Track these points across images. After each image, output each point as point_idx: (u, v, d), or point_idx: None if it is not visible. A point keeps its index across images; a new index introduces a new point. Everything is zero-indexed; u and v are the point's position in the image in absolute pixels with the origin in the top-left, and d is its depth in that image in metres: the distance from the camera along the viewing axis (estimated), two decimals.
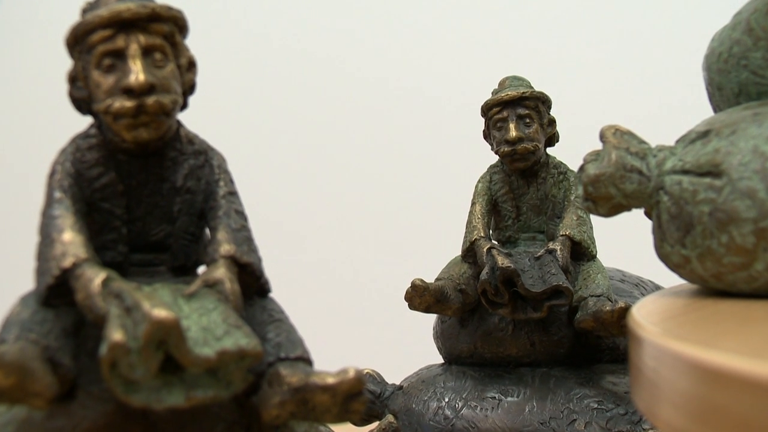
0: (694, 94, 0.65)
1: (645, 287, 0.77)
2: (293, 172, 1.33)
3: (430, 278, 0.72)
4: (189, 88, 0.48)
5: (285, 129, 1.34)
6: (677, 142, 0.47)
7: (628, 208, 0.47)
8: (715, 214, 0.41)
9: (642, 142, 0.47)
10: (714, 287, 0.44)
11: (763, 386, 0.27)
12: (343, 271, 1.30)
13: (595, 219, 0.71)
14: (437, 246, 0.84)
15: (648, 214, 0.47)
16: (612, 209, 0.47)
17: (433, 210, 1.26)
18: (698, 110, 0.57)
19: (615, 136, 0.47)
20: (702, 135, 0.44)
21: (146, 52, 0.45)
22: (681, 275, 0.46)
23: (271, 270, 0.48)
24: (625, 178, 0.46)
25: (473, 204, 0.76)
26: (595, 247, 0.73)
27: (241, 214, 0.48)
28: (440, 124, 1.30)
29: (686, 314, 0.40)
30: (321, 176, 1.33)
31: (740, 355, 0.29)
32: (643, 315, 0.41)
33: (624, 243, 0.88)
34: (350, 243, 1.32)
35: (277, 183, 1.31)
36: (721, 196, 0.41)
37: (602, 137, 0.47)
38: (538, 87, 0.75)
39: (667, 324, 0.38)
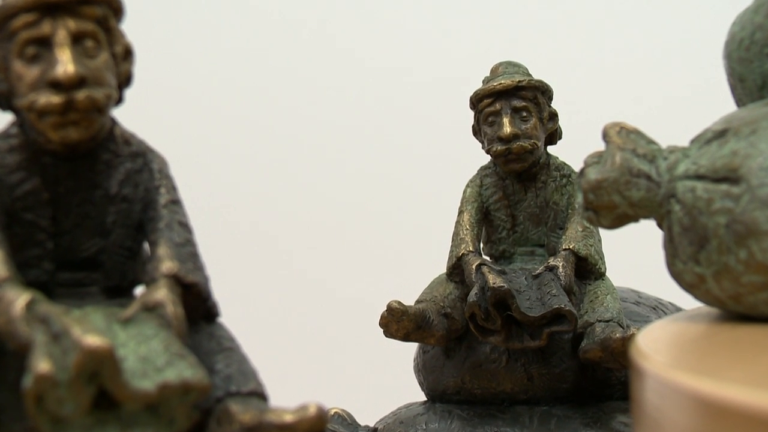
0: (716, 86, 0.66)
1: (664, 310, 0.78)
2: (247, 174, 1.33)
3: (409, 300, 0.72)
4: (125, 80, 0.49)
5: (241, 128, 1.34)
6: (692, 142, 0.47)
7: (634, 219, 0.48)
8: (733, 225, 0.42)
9: (651, 142, 0.48)
10: (733, 310, 0.45)
11: None
12: (305, 291, 1.30)
13: (604, 231, 0.72)
14: (418, 262, 0.84)
15: (661, 226, 0.48)
16: (616, 220, 0.48)
17: (413, 220, 1.25)
18: (720, 104, 0.58)
19: (620, 136, 0.48)
20: (719, 134, 0.45)
21: (76, 40, 0.45)
22: (696, 296, 0.46)
23: (220, 291, 0.49)
24: (630, 184, 0.46)
25: (461, 213, 0.77)
26: (603, 263, 0.74)
27: (186, 227, 0.48)
28: (422, 118, 1.30)
29: (696, 342, 0.41)
30: (278, 179, 1.34)
31: (747, 387, 0.30)
32: (648, 343, 0.42)
33: (639, 258, 0.88)
34: (314, 257, 1.32)
35: (228, 188, 1.32)
36: (739, 205, 0.42)
37: (605, 136, 0.48)
38: (537, 75, 0.75)
39: (673, 353, 0.39)
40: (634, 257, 0.92)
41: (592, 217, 0.49)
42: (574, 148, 0.71)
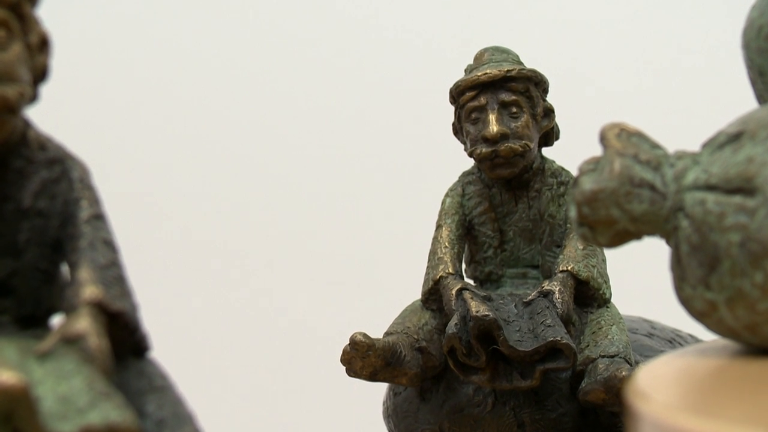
0: (733, 81, 0.68)
1: (682, 343, 0.79)
2: (185, 182, 1.34)
3: (377, 332, 0.73)
4: (41, 74, 0.50)
5: (184, 128, 1.35)
6: (703, 146, 0.49)
7: (637, 236, 0.49)
8: (747, 244, 0.43)
9: (656, 146, 0.49)
10: (749, 342, 0.46)
11: None
12: (253, 320, 1.31)
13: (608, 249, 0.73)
14: (388, 287, 0.85)
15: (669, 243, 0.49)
16: (615, 237, 0.49)
17: (382, 236, 1.25)
18: (738, 102, 0.60)
19: (619, 139, 0.49)
20: (733, 138, 0.47)
21: None
22: (707, 326, 0.48)
23: (151, 320, 0.51)
24: (632, 196, 0.47)
25: (439, 227, 0.78)
26: (608, 287, 0.75)
27: (111, 246, 0.50)
28: (394, 116, 1.31)
29: (703, 381, 0.43)
30: (223, 187, 1.34)
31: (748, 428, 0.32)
32: (648, 381, 0.43)
33: (652, 281, 0.87)
34: (265, 280, 1.31)
35: (161, 198, 1.32)
36: (754, 220, 0.43)
37: (602, 140, 0.49)
38: (529, 63, 0.77)
39: (675, 393, 0.41)
40: (645, 280, 0.92)
41: (587, 234, 0.50)
42: (574, 151, 0.71)
